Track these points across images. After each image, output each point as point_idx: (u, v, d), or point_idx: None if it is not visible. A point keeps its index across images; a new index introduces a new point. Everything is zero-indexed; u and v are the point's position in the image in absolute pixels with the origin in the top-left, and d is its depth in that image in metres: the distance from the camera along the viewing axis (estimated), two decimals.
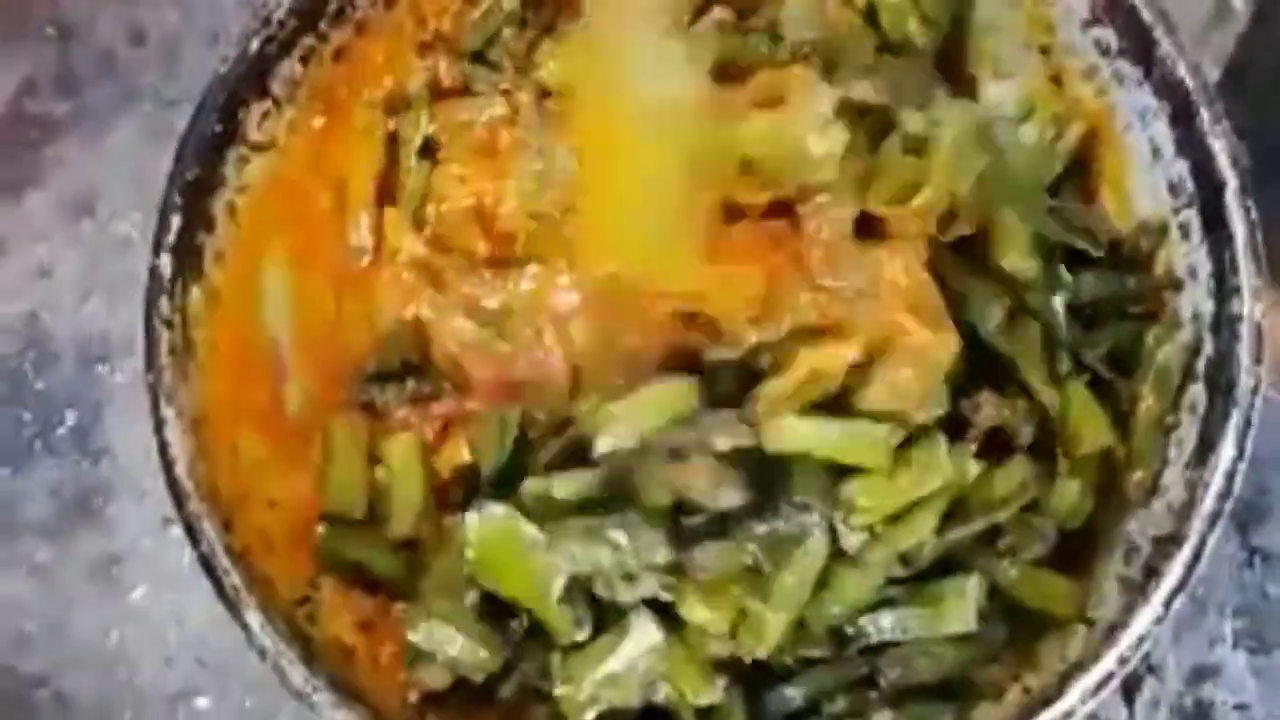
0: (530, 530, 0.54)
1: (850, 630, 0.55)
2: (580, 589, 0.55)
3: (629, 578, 0.54)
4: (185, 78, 0.75)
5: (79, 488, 0.70)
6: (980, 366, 0.57)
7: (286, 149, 0.61)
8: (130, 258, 0.72)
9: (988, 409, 0.55)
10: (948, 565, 0.55)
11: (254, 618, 0.52)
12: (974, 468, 0.54)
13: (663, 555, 0.53)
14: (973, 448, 0.55)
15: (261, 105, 0.60)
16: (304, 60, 0.61)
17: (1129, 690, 0.70)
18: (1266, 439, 0.71)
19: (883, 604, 0.55)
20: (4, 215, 0.74)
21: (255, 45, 0.59)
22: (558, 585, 0.54)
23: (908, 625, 0.55)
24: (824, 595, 0.54)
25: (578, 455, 0.56)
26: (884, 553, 0.54)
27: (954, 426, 0.55)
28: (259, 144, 0.60)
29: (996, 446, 0.56)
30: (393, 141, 0.64)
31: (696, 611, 0.54)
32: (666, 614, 0.55)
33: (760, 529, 0.54)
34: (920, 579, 0.55)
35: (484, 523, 0.54)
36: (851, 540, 0.54)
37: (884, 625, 0.55)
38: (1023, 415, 0.56)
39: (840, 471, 0.54)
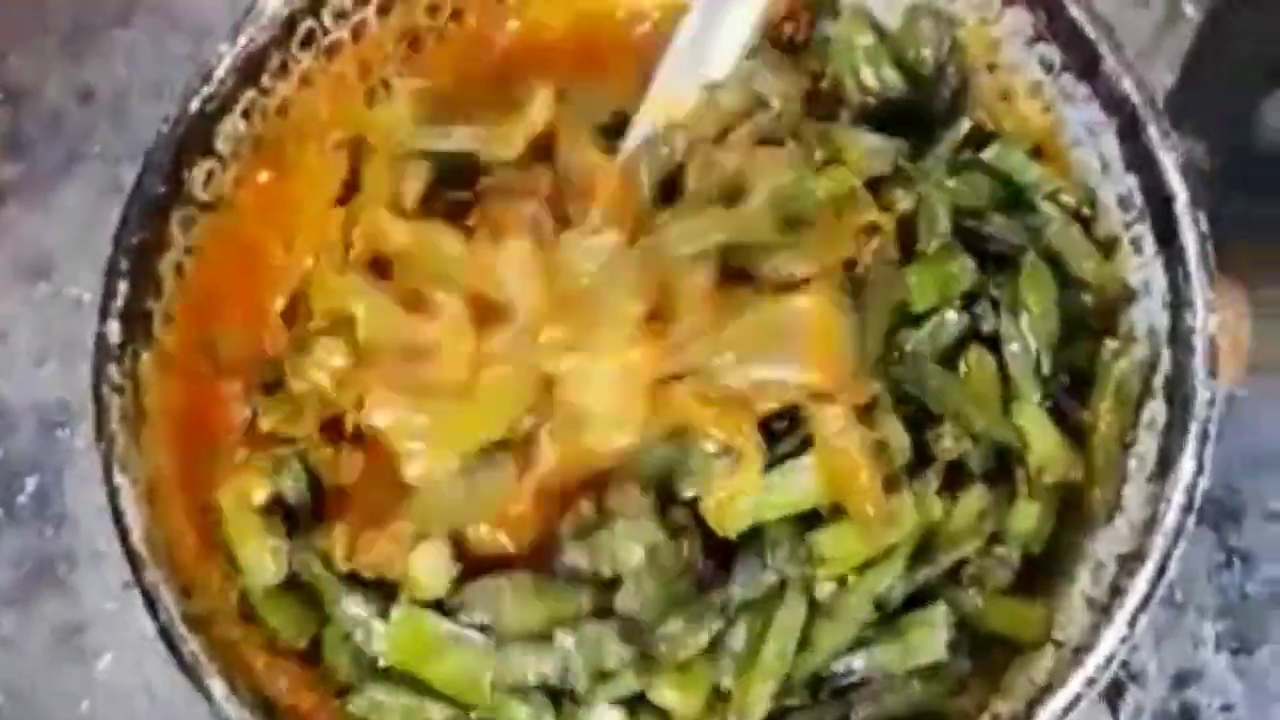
0: (452, 629, 0.53)
1: (824, 674, 0.55)
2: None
3: (594, 677, 0.53)
4: (135, 135, 0.75)
5: (41, 555, 0.70)
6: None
7: (234, 206, 0.61)
8: (85, 320, 0.70)
9: (948, 440, 0.55)
10: (913, 598, 0.55)
11: (216, 686, 0.51)
12: (938, 505, 0.54)
13: (616, 658, 0.53)
14: (935, 483, 0.55)
15: (206, 164, 0.59)
16: (247, 116, 0.60)
17: (1112, 699, 0.70)
18: (1239, 440, 0.72)
19: (855, 645, 0.54)
20: None
21: (196, 104, 0.59)
22: (487, 682, 0.53)
23: (879, 663, 0.54)
24: (801, 652, 0.54)
25: None
26: (857, 600, 0.53)
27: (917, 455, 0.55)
28: (206, 203, 0.60)
29: (952, 471, 0.56)
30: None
31: (667, 696, 0.53)
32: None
33: (725, 598, 0.54)
34: (889, 616, 0.55)
35: (400, 625, 0.53)
36: (823, 591, 0.53)
37: (857, 667, 0.54)
38: (984, 447, 0.56)
39: (806, 521, 0.54)
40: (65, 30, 0.78)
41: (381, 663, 0.55)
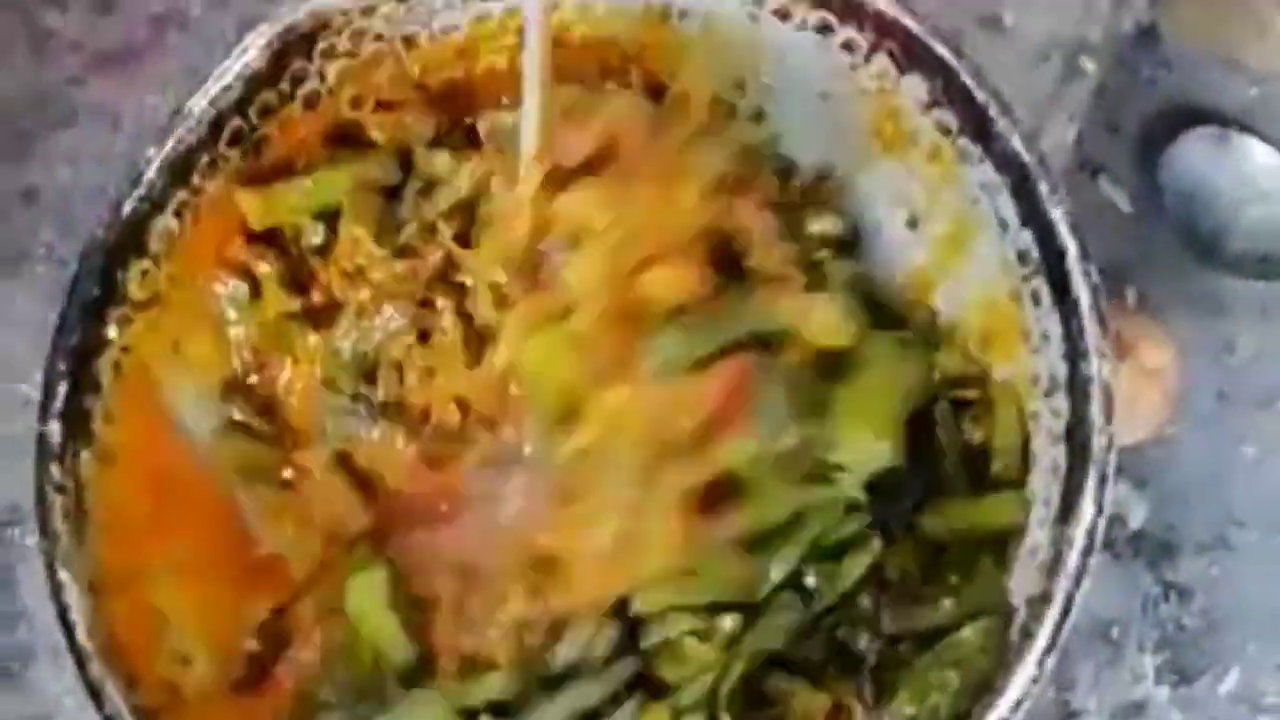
0: None
1: None
2: None
3: None
4: (79, 235, 0.75)
5: None
6: None
7: (170, 303, 0.63)
8: (32, 420, 0.72)
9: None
10: None
11: None
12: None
13: None
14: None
15: (140, 263, 0.61)
16: (179, 215, 0.62)
17: None
18: (1169, 476, 0.74)
19: None
20: None
21: (129, 206, 0.61)
22: None
23: None
24: None
25: None
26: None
27: None
28: (141, 302, 0.62)
29: None
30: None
31: None
32: None
33: None
34: None
35: None
36: None
37: None
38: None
39: None
40: (8, 134, 0.79)
41: None
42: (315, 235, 0.65)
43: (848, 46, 0.64)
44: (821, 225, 0.66)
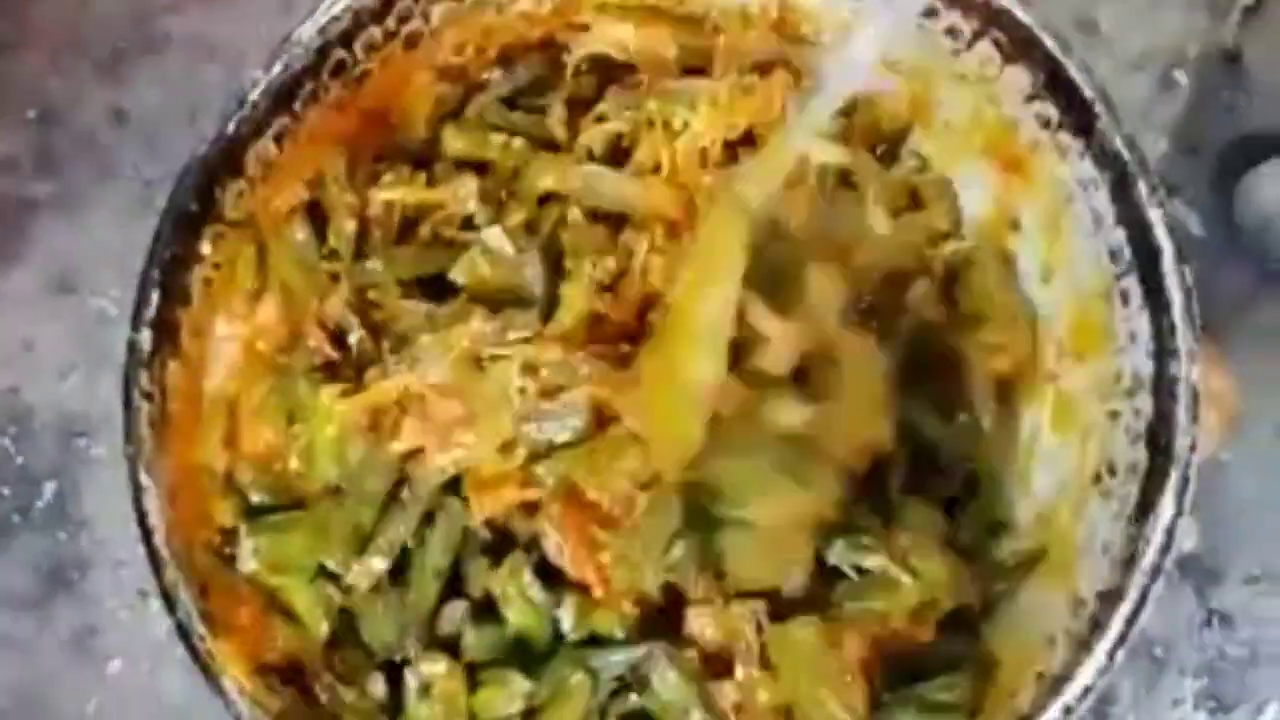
0: None
1: None
2: None
3: None
4: (164, 157, 0.77)
5: (57, 560, 0.71)
6: None
7: (259, 225, 0.63)
8: (109, 333, 0.74)
9: None
10: None
11: (230, 684, 0.53)
12: None
13: None
14: None
15: (236, 184, 0.62)
16: (278, 140, 0.63)
17: None
18: (1220, 501, 0.74)
19: None
20: None
21: (231, 126, 0.61)
22: None
23: None
24: None
25: None
26: None
27: None
28: (235, 221, 0.62)
29: None
30: None
31: None
32: None
33: None
34: None
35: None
36: None
37: None
38: None
39: None
40: (102, 55, 0.80)
41: None
42: None
43: (951, 32, 0.64)
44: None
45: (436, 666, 0.59)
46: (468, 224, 0.64)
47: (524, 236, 0.64)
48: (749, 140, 0.66)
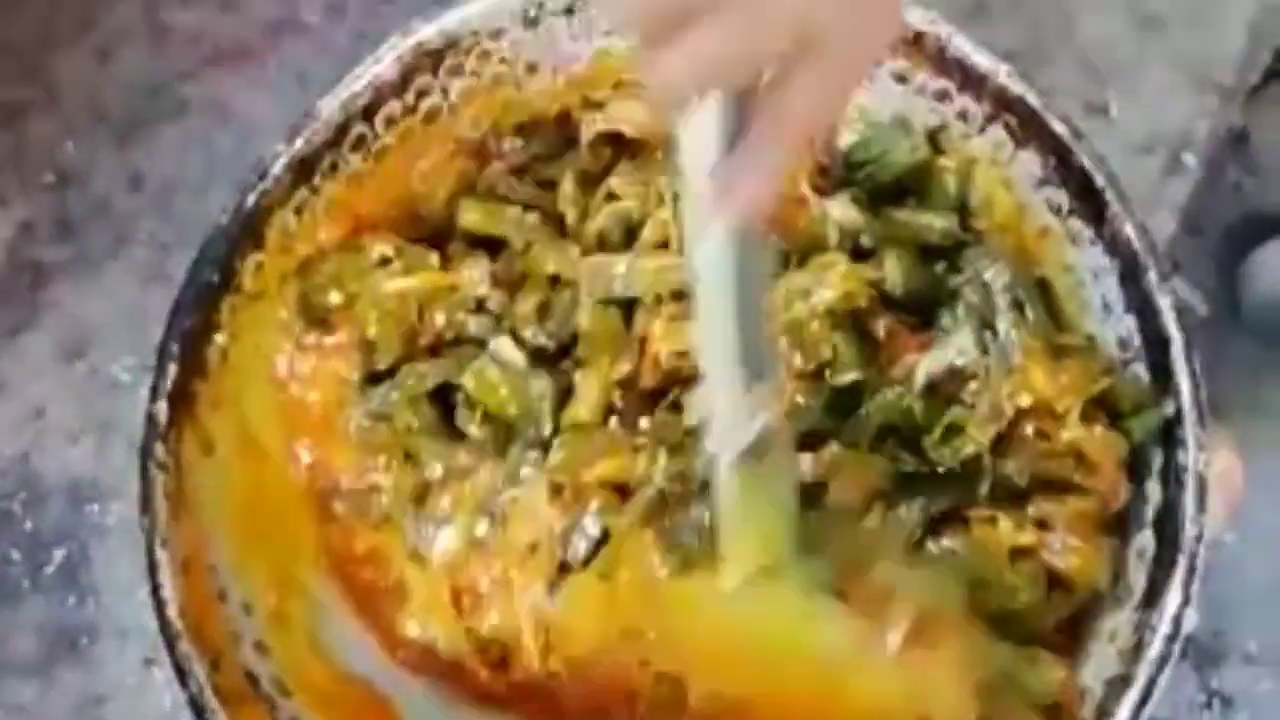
0: None
1: None
2: None
3: None
4: (179, 225, 0.77)
5: (64, 626, 0.70)
6: None
7: (277, 298, 0.64)
8: (120, 400, 0.74)
9: None
10: None
11: None
12: None
13: None
14: None
15: (256, 256, 0.62)
16: (298, 212, 0.64)
17: None
18: (1223, 584, 0.74)
19: None
20: (1, 357, 0.76)
21: (252, 199, 0.62)
22: None
23: None
24: None
25: None
26: None
27: None
28: (252, 294, 0.62)
29: None
30: None
31: None
32: None
33: None
34: None
35: None
36: None
37: None
38: None
39: None
40: (120, 121, 0.81)
41: None
42: None
43: (963, 116, 0.65)
44: None
45: None
46: (480, 306, 0.65)
47: (535, 323, 0.64)
48: None
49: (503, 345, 0.63)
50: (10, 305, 0.77)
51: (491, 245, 0.67)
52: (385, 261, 0.64)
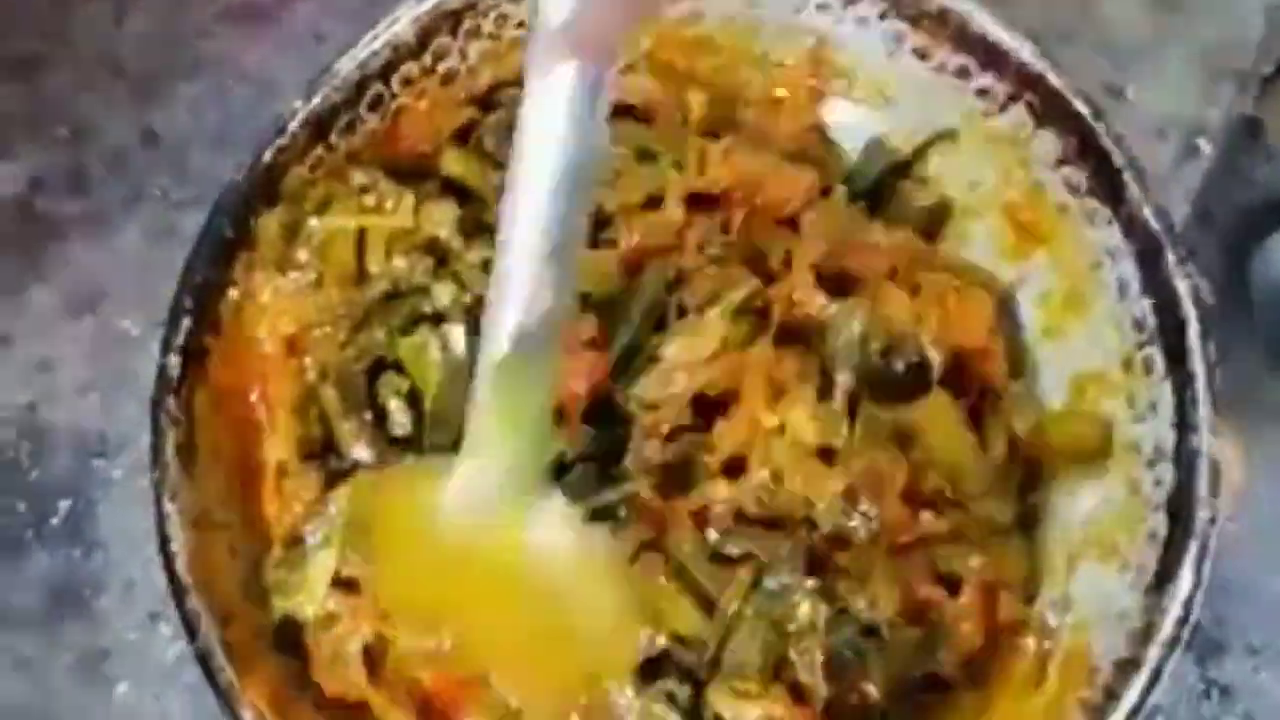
0: None
1: None
2: None
3: None
4: (193, 181, 0.77)
5: (69, 579, 0.70)
6: None
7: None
8: (130, 354, 0.74)
9: None
10: None
11: (248, 714, 0.53)
12: None
13: None
14: None
15: (271, 213, 0.62)
16: (313, 169, 0.63)
17: None
18: (1225, 572, 0.74)
19: None
20: (8, 310, 0.76)
21: (269, 154, 0.62)
22: None
23: None
24: None
25: None
26: None
27: None
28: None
29: None
30: None
31: None
32: None
33: None
34: None
35: None
36: None
37: None
38: None
39: None
40: (135, 76, 0.80)
41: None
42: None
43: (983, 93, 0.65)
44: None
45: None
46: (434, 246, 0.64)
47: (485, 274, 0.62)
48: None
49: (454, 333, 0.61)
50: (21, 258, 0.76)
51: (464, 195, 0.66)
52: (364, 190, 0.64)
